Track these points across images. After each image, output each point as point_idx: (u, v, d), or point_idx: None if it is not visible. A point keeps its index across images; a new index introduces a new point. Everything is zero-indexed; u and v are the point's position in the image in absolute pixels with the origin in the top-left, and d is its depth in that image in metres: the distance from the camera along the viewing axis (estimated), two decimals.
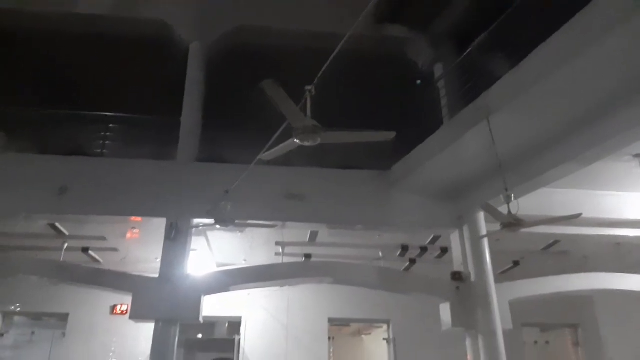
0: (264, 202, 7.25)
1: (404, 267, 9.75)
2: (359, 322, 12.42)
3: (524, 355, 10.36)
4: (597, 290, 8.11)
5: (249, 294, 10.38)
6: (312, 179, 7.55)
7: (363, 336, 14.88)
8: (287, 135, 4.16)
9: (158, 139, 8.29)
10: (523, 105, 5.15)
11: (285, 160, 7.61)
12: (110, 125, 8.23)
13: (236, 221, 6.18)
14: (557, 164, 5.82)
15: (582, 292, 8.06)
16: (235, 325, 10.88)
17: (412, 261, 9.64)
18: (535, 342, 11.41)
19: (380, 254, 9.45)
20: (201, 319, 6.72)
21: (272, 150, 4.38)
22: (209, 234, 8.39)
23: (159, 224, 7.14)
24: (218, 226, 6.70)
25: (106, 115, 8.31)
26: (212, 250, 9.22)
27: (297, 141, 3.91)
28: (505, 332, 6.59)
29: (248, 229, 8.14)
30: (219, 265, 9.55)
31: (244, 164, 5.73)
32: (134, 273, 7.05)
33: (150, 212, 7.25)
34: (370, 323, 12.63)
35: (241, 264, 9.46)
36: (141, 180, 7.29)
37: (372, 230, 8.25)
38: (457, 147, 6.13)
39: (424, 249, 9.19)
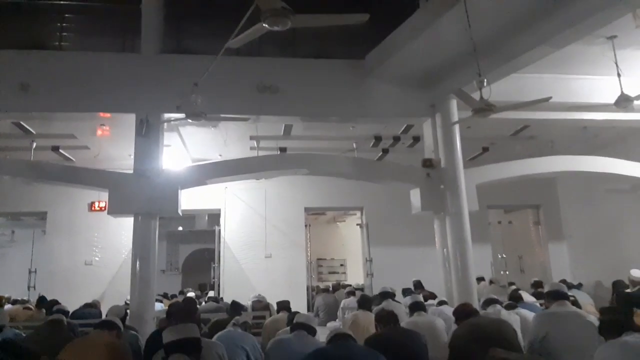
0: (236, 95, 7.11)
1: (377, 157, 9.95)
2: (333, 210, 12.98)
3: (488, 234, 11.12)
4: (560, 173, 8.51)
5: (226, 188, 10.59)
6: (285, 69, 7.34)
7: (338, 223, 15.66)
8: (256, 21, 3.95)
9: (120, 29, 7.81)
10: None
11: (257, 51, 7.38)
12: (67, 15, 7.65)
13: (207, 115, 6.08)
14: (532, 47, 5.75)
15: (546, 174, 8.45)
16: (215, 217, 11.25)
17: (385, 151, 9.82)
18: (499, 222, 12.22)
19: (354, 145, 9.57)
20: (180, 212, 6.88)
21: (240, 37, 4.17)
22: (182, 129, 8.29)
23: (129, 120, 6.99)
24: (189, 120, 6.61)
25: (61, 4, 7.69)
26: (186, 146, 9.17)
27: (266, 25, 3.73)
28: (471, 214, 6.96)
29: (222, 124, 8.06)
30: (194, 161, 9.56)
31: (213, 55, 5.50)
32: (109, 170, 7.05)
33: (118, 107, 7.06)
34: (345, 211, 13.22)
35: (216, 159, 9.49)
36: (106, 75, 7.00)
37: (346, 122, 8.27)
38: (432, 32, 5.96)
39: (396, 139, 9.32)
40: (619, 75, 6.46)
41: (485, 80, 5.21)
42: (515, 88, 6.76)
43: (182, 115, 6.33)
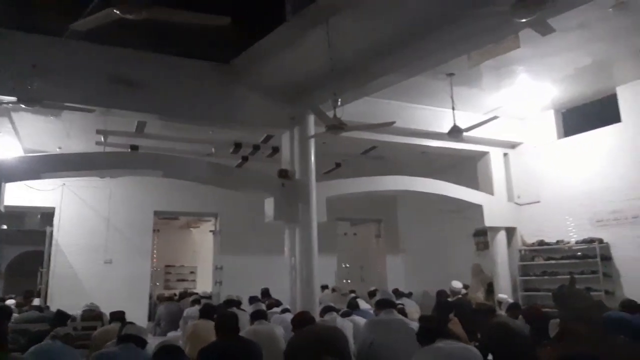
0: (84, 84, 6.41)
1: (237, 164, 9.87)
2: (186, 215, 12.51)
3: (336, 245, 11.72)
4: (399, 191, 9.29)
5: (64, 184, 9.60)
6: (145, 63, 6.80)
7: (192, 229, 15.15)
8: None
9: None
10: (363, 9, 5.26)
11: (115, 39, 6.79)
12: None
13: (45, 101, 5.46)
14: (383, 74, 6.22)
15: (388, 192, 9.17)
16: (49, 216, 10.08)
17: (245, 158, 9.80)
18: (345, 234, 12.99)
19: (213, 149, 9.39)
20: (2, 208, 6.03)
21: (88, 19, 3.82)
22: (14, 115, 7.33)
23: None
24: (23, 106, 5.86)
25: None
26: (18, 134, 8.13)
27: (117, 12, 3.47)
28: (320, 225, 7.24)
29: (65, 114, 7.31)
30: (27, 152, 8.51)
31: (59, 37, 4.97)
32: None
33: None
34: (199, 216, 12.82)
35: (55, 151, 8.56)
36: None
37: (208, 126, 8.05)
38: (296, 47, 6.08)
39: (256, 147, 9.37)
40: (453, 108, 7.33)
41: (339, 99, 5.51)
42: (367, 111, 7.24)
43: (13, 99, 5.60)
